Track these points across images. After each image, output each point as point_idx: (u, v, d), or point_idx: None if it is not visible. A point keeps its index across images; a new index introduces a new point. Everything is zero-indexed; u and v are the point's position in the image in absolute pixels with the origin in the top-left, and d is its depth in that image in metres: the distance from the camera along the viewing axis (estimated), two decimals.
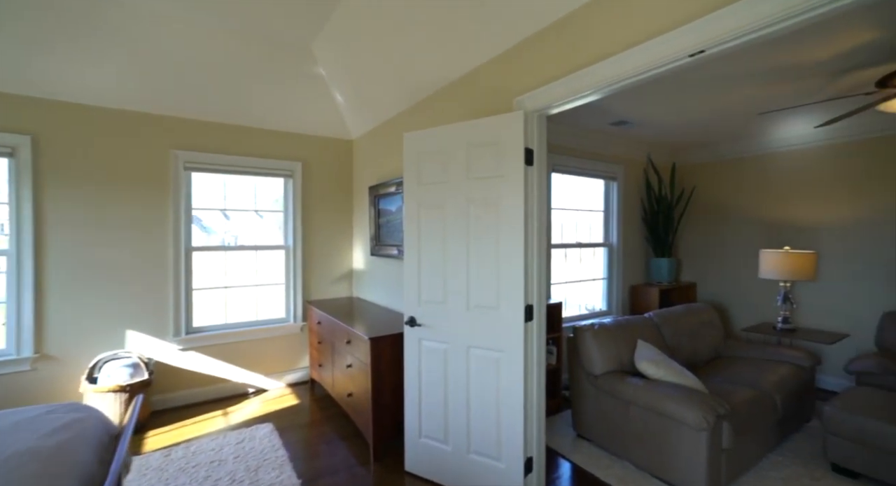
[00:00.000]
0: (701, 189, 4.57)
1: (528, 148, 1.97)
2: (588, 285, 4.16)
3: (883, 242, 3.35)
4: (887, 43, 2.06)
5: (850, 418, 2.25)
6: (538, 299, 2.02)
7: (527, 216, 1.97)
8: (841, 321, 3.58)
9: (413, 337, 2.31)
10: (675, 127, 3.66)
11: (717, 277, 4.43)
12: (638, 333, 2.80)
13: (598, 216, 4.26)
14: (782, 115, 3.23)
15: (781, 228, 3.94)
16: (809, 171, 3.74)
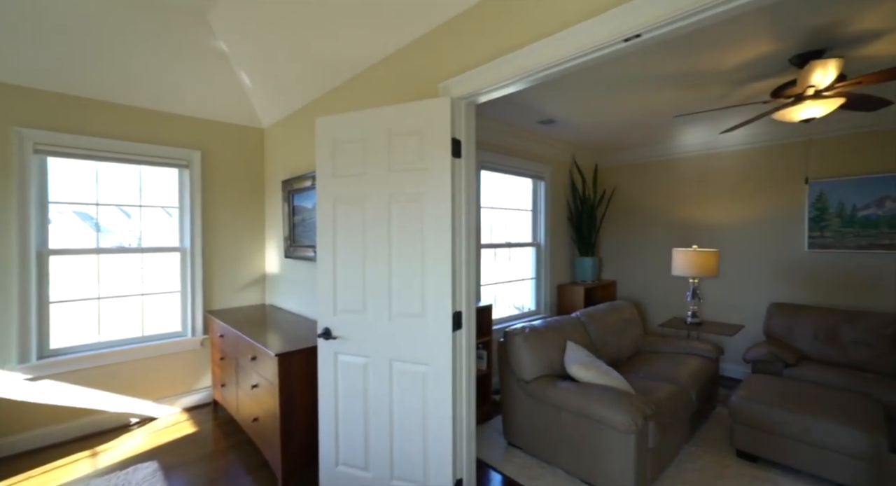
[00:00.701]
0: (621, 190, 4.80)
1: (456, 138, 1.79)
2: (518, 285, 4.13)
3: (771, 240, 3.72)
4: (783, 55, 2.21)
5: (751, 406, 2.40)
6: (467, 305, 1.85)
7: (455, 213, 1.79)
8: (738, 313, 3.92)
9: (328, 351, 2.02)
10: (598, 128, 3.75)
11: (635, 274, 4.68)
12: (567, 334, 2.78)
13: (526, 216, 4.26)
14: (693, 121, 3.44)
15: (691, 227, 4.24)
16: (715, 175, 4.07)
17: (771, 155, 3.71)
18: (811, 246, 3.50)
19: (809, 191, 3.50)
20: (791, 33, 1.97)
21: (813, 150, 3.50)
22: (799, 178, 3.57)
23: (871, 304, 3.27)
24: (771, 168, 3.72)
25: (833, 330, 3.21)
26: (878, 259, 3.23)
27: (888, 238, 3.17)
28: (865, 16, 1.83)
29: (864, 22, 1.88)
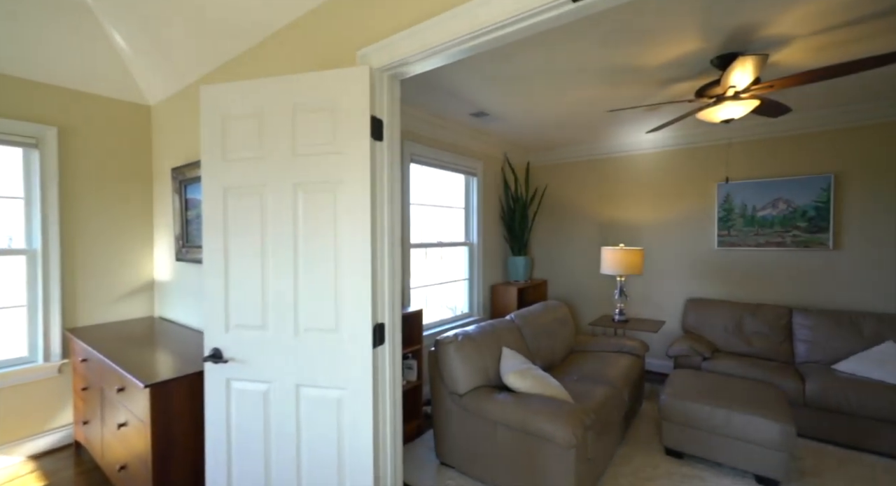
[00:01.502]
0: (551, 189, 4.82)
1: (376, 117, 1.50)
2: (450, 286, 3.93)
3: (688, 239, 3.93)
4: (706, 55, 2.24)
5: (679, 404, 2.42)
6: (391, 315, 1.57)
7: (375, 206, 1.51)
8: (660, 309, 4.10)
9: (217, 378, 1.62)
10: (529, 124, 3.68)
11: (566, 273, 4.73)
12: (502, 339, 2.61)
13: (459, 214, 4.08)
14: (621, 121, 3.49)
15: (618, 226, 4.36)
16: (639, 175, 4.21)
17: (687, 157, 3.92)
18: (720, 244, 3.74)
19: (718, 192, 3.74)
20: (715, 32, 1.98)
21: (722, 154, 3.74)
22: (711, 180, 3.80)
23: (769, 297, 3.56)
24: (688, 170, 3.93)
25: (739, 322, 3.45)
26: (773, 256, 3.53)
27: (780, 236, 3.48)
28: (782, 18, 1.88)
29: (779, 25, 1.94)
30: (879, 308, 3.14)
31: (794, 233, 3.42)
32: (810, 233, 3.36)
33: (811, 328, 3.17)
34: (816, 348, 3.11)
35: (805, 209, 3.37)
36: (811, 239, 3.35)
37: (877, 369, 2.70)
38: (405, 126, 3.19)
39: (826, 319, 3.14)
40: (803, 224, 3.38)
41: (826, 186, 3.29)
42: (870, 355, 2.84)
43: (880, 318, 2.99)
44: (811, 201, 3.35)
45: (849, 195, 3.24)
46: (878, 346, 2.90)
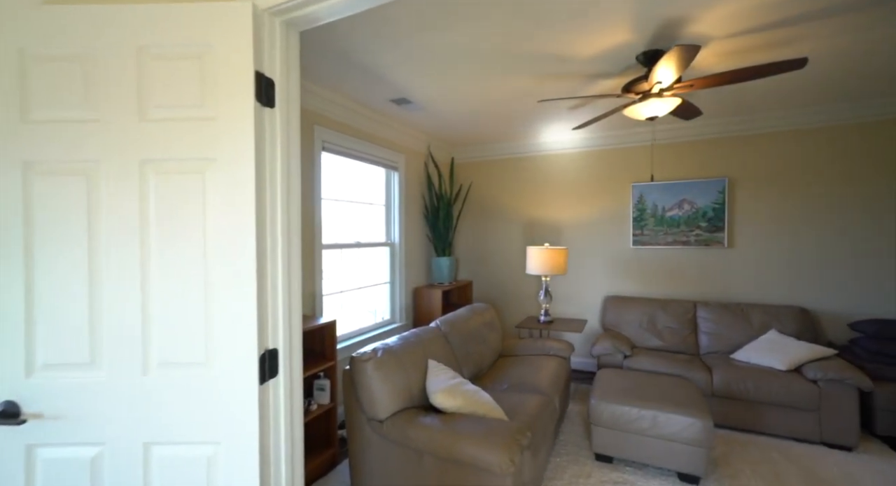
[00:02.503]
0: (476, 187, 4.68)
1: (265, 76, 1.12)
2: (370, 291, 3.56)
3: (607, 237, 4.04)
4: (633, 49, 2.20)
5: (608, 408, 2.37)
6: (289, 337, 1.20)
7: (265, 196, 1.13)
8: (581, 308, 4.17)
9: (14, 446, 1.10)
10: (454, 116, 3.46)
11: (491, 274, 4.62)
12: (428, 350, 2.34)
13: (379, 211, 3.72)
14: (547, 118, 3.43)
15: (543, 225, 4.35)
16: (563, 174, 4.24)
17: (606, 158, 4.03)
18: (635, 243, 3.90)
19: (633, 193, 3.89)
20: (643, 23, 1.92)
21: (635, 155, 3.90)
22: (626, 180, 3.94)
23: (677, 293, 3.78)
24: (606, 170, 4.03)
25: (652, 318, 3.60)
26: (680, 253, 3.76)
27: (685, 236, 3.72)
28: (706, 15, 1.87)
29: (702, 23, 1.94)
30: (764, 300, 3.48)
31: (696, 232, 3.67)
32: (710, 232, 3.62)
33: (712, 321, 3.40)
34: (717, 339, 3.34)
35: (705, 210, 3.63)
36: (710, 238, 3.62)
37: (766, 356, 2.94)
38: (316, 108, 2.76)
39: (723, 311, 3.39)
40: (704, 224, 3.64)
41: (721, 189, 3.57)
42: (759, 343, 3.10)
43: (765, 309, 3.30)
44: (710, 203, 3.62)
45: (739, 198, 3.55)
46: (765, 334, 3.18)
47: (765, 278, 3.48)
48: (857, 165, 3.19)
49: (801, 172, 3.35)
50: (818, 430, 2.65)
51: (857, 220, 3.20)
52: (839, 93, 2.90)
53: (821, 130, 3.28)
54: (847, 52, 2.26)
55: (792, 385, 2.67)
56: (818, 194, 3.30)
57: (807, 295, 3.35)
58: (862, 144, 3.17)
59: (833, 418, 2.61)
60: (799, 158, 3.35)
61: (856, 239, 3.21)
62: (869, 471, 2.37)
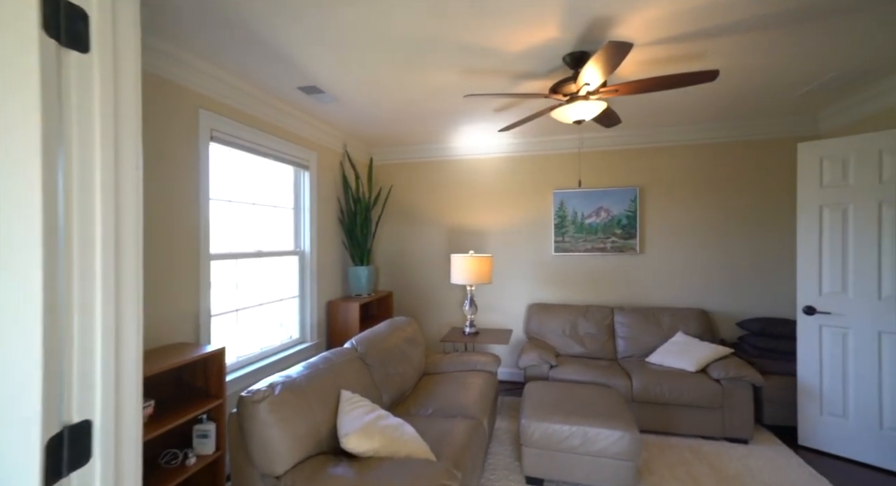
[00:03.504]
0: (398, 190, 4.40)
1: (69, 1, 0.74)
2: (275, 307, 3.08)
3: (530, 244, 4.01)
4: (561, 48, 2.11)
5: (538, 426, 2.23)
6: (113, 398, 0.80)
7: (59, 178, 0.73)
8: (507, 317, 4.08)
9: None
10: (373, 111, 3.16)
11: (413, 284, 4.35)
12: (341, 377, 1.99)
13: (287, 215, 3.26)
14: (471, 119, 3.27)
15: (467, 232, 4.20)
16: (488, 179, 4.13)
17: (529, 163, 4.01)
18: (556, 250, 3.92)
19: (554, 199, 3.92)
20: (573, 18, 1.83)
21: (556, 163, 3.94)
22: (549, 187, 3.96)
23: (596, 299, 3.87)
24: (530, 176, 4.01)
25: (574, 325, 3.62)
26: (598, 260, 3.86)
27: (602, 242, 3.83)
28: (634, 18, 1.83)
29: (629, 26, 1.90)
30: (672, 303, 3.70)
31: (612, 239, 3.79)
32: (624, 239, 3.76)
33: (628, 326, 3.51)
34: (633, 343, 3.45)
35: (620, 218, 3.77)
36: (625, 245, 3.76)
37: (677, 358, 3.08)
38: (202, 88, 2.27)
39: (637, 316, 3.52)
40: (619, 231, 3.78)
41: (634, 198, 3.74)
42: (670, 345, 3.25)
43: (673, 312, 3.49)
44: (624, 211, 3.76)
45: (649, 206, 3.75)
46: (674, 337, 3.35)
47: (672, 282, 3.69)
48: (749, 180, 3.53)
49: (702, 184, 3.62)
50: (721, 426, 2.80)
51: (749, 229, 3.54)
52: (736, 111, 3.17)
53: (719, 146, 3.58)
54: (747, 72, 2.42)
55: (701, 386, 2.80)
56: (717, 205, 3.60)
57: (706, 297, 3.62)
58: (753, 161, 3.52)
59: (733, 414, 2.78)
60: (701, 170, 3.62)
61: (748, 246, 3.54)
62: (764, 462, 2.54)
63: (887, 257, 2.51)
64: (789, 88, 2.70)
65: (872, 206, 2.55)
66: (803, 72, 2.44)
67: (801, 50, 2.15)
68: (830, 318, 2.69)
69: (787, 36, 2.00)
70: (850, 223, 2.63)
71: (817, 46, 2.12)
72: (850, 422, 2.63)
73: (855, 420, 2.61)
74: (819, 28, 1.93)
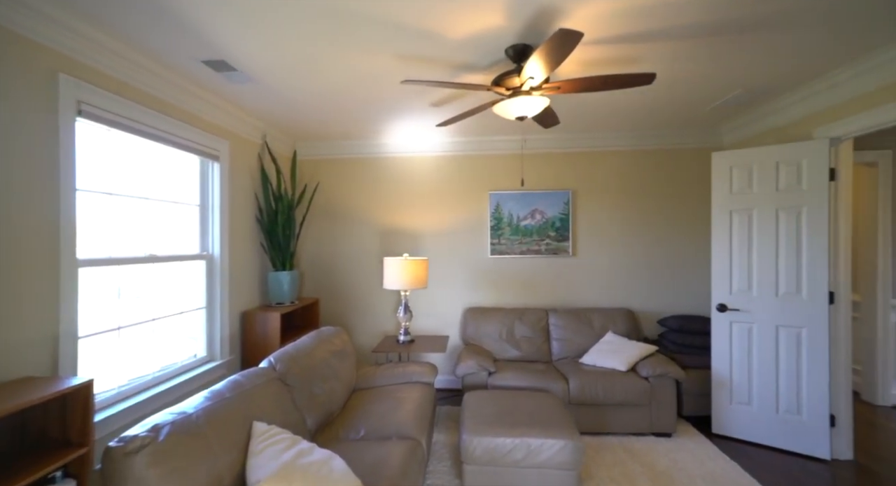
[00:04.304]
0: (325, 188, 4.03)
1: None
2: (175, 321, 2.59)
3: (467, 247, 3.90)
4: (504, 39, 2.00)
5: (479, 442, 2.09)
6: None
7: None
8: (443, 322, 3.92)
9: None
10: (298, 97, 2.82)
11: (342, 290, 4.01)
12: (254, 405, 1.67)
13: (192, 213, 2.78)
14: (407, 113, 3.06)
15: (401, 234, 3.96)
16: (423, 178, 3.94)
17: (465, 164, 3.90)
18: (493, 252, 3.85)
19: (490, 201, 3.85)
20: (518, 6, 1.72)
21: (492, 163, 3.88)
22: (485, 188, 3.88)
23: (532, 301, 3.87)
24: (466, 177, 3.90)
25: (511, 329, 3.57)
26: (533, 262, 3.86)
27: (537, 245, 3.84)
28: (579, 11, 1.77)
29: (574, 19, 1.84)
30: (602, 304, 3.81)
31: (547, 241, 3.82)
32: (558, 242, 3.81)
33: (561, 327, 3.54)
34: (566, 345, 3.49)
35: (554, 220, 3.81)
36: (559, 247, 3.81)
37: (609, 358, 3.15)
38: (62, 47, 1.79)
39: (571, 317, 3.57)
40: (553, 233, 3.82)
41: (567, 201, 3.80)
42: (601, 345, 3.32)
43: (603, 312, 3.59)
44: (558, 213, 3.81)
45: (581, 209, 3.84)
46: (604, 337, 3.45)
47: (601, 283, 3.81)
48: (669, 186, 3.75)
49: (627, 189, 3.78)
50: (649, 422, 2.90)
51: (669, 232, 3.76)
52: (658, 121, 3.34)
53: (642, 153, 3.77)
54: (672, 81, 2.52)
55: (631, 385, 2.87)
56: (640, 209, 3.78)
57: (631, 297, 3.79)
58: (672, 168, 3.75)
59: (659, 409, 2.90)
60: (626, 176, 3.78)
61: (668, 248, 3.76)
62: (687, 454, 2.66)
63: (782, 258, 2.77)
64: (703, 102, 2.89)
65: (771, 212, 2.81)
66: (717, 86, 2.61)
67: (718, 64, 2.28)
68: (739, 314, 2.91)
69: (709, 47, 2.08)
70: (754, 227, 2.87)
71: (732, 61, 2.25)
72: (753, 409, 2.86)
73: (757, 407, 2.84)
74: (734, 43, 2.04)
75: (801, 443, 2.69)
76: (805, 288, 2.69)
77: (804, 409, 2.69)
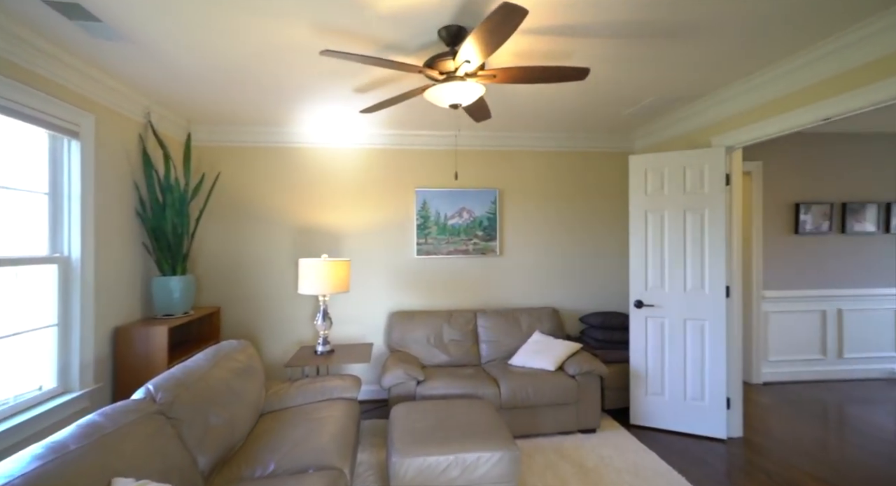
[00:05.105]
0: (228, 180, 3.50)
1: None
2: (8, 344, 1.96)
3: (392, 247, 3.65)
4: (438, 17, 1.83)
5: (410, 463, 1.88)
6: None
7: None
8: (367, 328, 3.62)
9: None
10: (193, 69, 2.36)
11: (249, 296, 3.51)
12: (117, 454, 1.26)
13: (38, 204, 2.15)
14: (324, 97, 2.73)
15: (319, 233, 3.58)
16: (345, 172, 3.60)
17: (390, 158, 3.65)
18: (419, 252, 3.66)
19: (416, 198, 3.66)
20: None
21: (419, 158, 3.69)
22: (411, 185, 3.68)
23: (460, 303, 3.75)
24: (392, 172, 3.66)
25: (439, 332, 3.41)
26: (461, 262, 3.75)
27: (465, 244, 3.74)
28: None
29: None
30: (529, 303, 3.83)
31: (475, 241, 3.73)
32: (486, 241, 3.75)
33: (489, 329, 3.47)
34: (495, 346, 3.42)
35: (482, 219, 3.74)
36: (486, 247, 3.75)
37: (537, 359, 3.14)
38: None
39: (499, 318, 3.52)
40: (481, 233, 3.74)
41: (494, 200, 3.76)
42: (529, 346, 3.31)
43: (530, 312, 3.60)
44: (486, 212, 3.75)
45: (507, 208, 3.82)
46: (532, 337, 3.44)
47: (528, 282, 3.83)
48: (590, 187, 3.89)
49: (551, 189, 3.85)
50: (576, 420, 2.94)
51: (591, 231, 3.90)
52: (580, 124, 3.43)
53: (566, 154, 3.86)
54: (597, 82, 2.56)
55: (561, 384, 2.88)
56: (563, 209, 3.87)
57: (555, 296, 3.86)
58: (593, 170, 3.89)
59: (586, 406, 2.95)
60: (550, 176, 3.85)
61: (592, 247, 3.90)
62: (612, 448, 2.73)
63: (689, 256, 2.98)
64: (621, 106, 3.02)
65: (679, 212, 3.01)
66: (635, 91, 2.71)
67: (638, 68, 2.35)
68: (653, 310, 3.08)
69: (631, 49, 2.12)
70: (665, 227, 3.06)
71: (650, 67, 2.33)
72: (665, 398, 3.04)
73: (669, 396, 3.03)
74: (654, 47, 2.10)
75: (704, 426, 2.91)
76: (707, 284, 2.92)
77: (706, 394, 2.92)
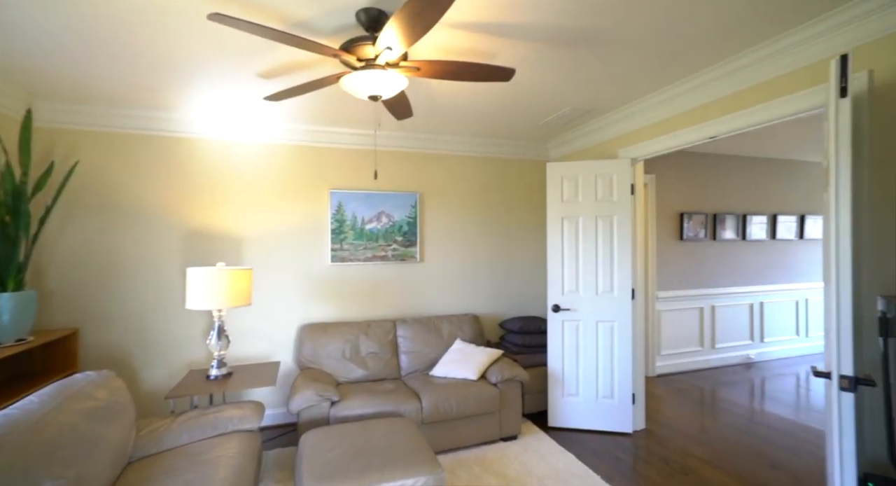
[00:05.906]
0: (89, 170, 2.85)
1: None
2: None
3: (302, 254, 3.30)
4: (356, 1, 1.64)
5: None
6: None
7: None
8: (271, 345, 3.20)
9: None
10: (34, 18, 1.84)
11: (119, 315, 2.89)
12: None
13: None
14: (218, 76, 2.34)
15: (213, 238, 3.08)
16: (245, 169, 3.15)
17: (299, 156, 3.30)
18: (333, 259, 3.36)
19: (331, 200, 3.36)
20: None
21: (332, 157, 3.40)
22: (325, 186, 3.37)
23: (378, 313, 3.51)
24: (301, 171, 3.31)
25: (355, 345, 3.14)
26: (379, 270, 3.53)
27: (384, 250, 3.53)
28: None
29: None
30: (449, 310, 3.73)
31: (394, 247, 3.54)
32: (405, 247, 3.58)
33: (410, 339, 3.30)
34: (416, 357, 3.25)
35: (401, 224, 3.57)
36: (406, 253, 3.58)
37: (459, 368, 3.04)
38: None
39: (419, 327, 3.36)
40: (400, 238, 3.56)
41: (414, 204, 3.61)
42: (450, 355, 3.21)
43: (450, 319, 3.51)
44: (405, 217, 3.58)
45: (428, 213, 3.70)
46: (453, 345, 3.35)
47: (448, 289, 3.74)
48: (509, 194, 3.93)
49: (471, 195, 3.82)
50: (498, 428, 2.89)
51: (511, 237, 3.94)
52: (500, 130, 3.45)
53: (486, 160, 3.86)
54: (518, 86, 2.57)
55: (484, 394, 2.80)
56: (482, 215, 3.86)
57: (477, 302, 3.83)
58: (512, 177, 3.94)
59: (507, 414, 2.92)
60: (471, 181, 3.82)
61: (511, 253, 3.93)
62: (534, 454, 2.72)
63: (600, 260, 3.14)
64: (540, 115, 3.09)
65: (592, 219, 3.16)
66: (552, 100, 2.78)
67: (557, 77, 2.40)
68: (569, 313, 3.18)
69: (553, 55, 2.15)
70: (580, 233, 3.19)
71: (568, 76, 2.39)
72: (580, 399, 3.15)
73: (583, 396, 3.14)
74: (574, 56, 2.15)
75: (614, 422, 3.06)
76: (616, 287, 3.09)
77: (616, 392, 3.07)
